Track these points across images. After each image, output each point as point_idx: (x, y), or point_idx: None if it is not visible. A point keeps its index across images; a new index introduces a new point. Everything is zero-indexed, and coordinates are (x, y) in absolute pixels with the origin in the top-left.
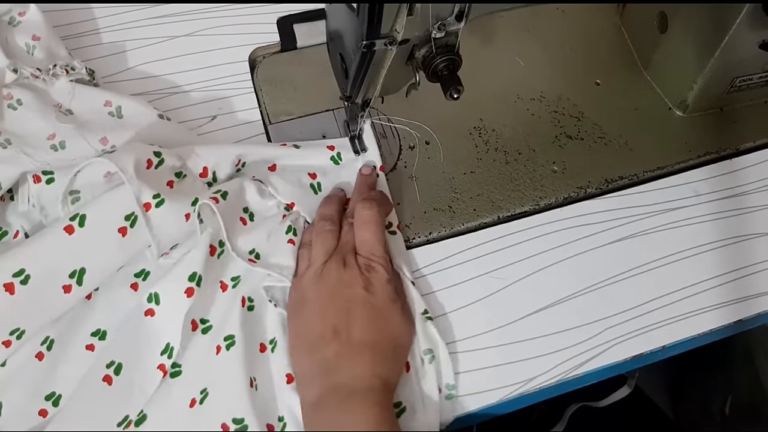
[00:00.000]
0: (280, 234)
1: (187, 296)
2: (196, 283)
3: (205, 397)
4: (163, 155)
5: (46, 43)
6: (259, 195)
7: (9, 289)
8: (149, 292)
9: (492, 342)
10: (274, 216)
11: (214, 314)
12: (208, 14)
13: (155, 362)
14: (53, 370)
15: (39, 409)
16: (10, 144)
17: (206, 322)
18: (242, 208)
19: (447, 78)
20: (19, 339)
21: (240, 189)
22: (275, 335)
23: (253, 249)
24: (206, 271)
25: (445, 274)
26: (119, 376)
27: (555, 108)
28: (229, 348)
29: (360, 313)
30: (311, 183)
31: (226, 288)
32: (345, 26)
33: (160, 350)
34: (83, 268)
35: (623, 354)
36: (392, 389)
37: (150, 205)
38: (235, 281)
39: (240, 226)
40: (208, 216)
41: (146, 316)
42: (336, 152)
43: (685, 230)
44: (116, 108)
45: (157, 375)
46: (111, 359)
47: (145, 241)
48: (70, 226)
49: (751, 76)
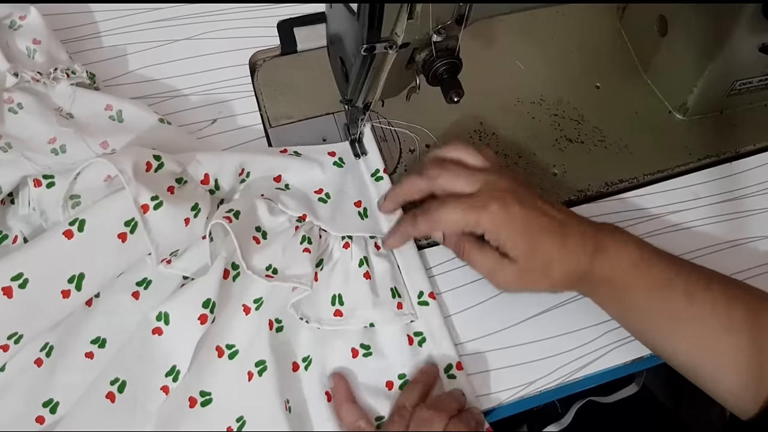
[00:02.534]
0: (295, 245)
1: (201, 323)
2: (210, 310)
3: (242, 426)
4: (162, 159)
5: (46, 47)
6: (270, 213)
7: (7, 293)
8: (159, 311)
9: (493, 345)
10: (287, 230)
11: (239, 339)
12: (208, 18)
13: (159, 383)
14: (52, 376)
15: (36, 415)
16: (10, 148)
17: (232, 347)
18: (254, 227)
19: (447, 81)
20: (17, 344)
21: (251, 208)
22: (309, 353)
23: (270, 265)
24: (221, 296)
25: (447, 277)
26: (122, 394)
27: (555, 111)
28: (262, 374)
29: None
30: (319, 197)
31: (249, 311)
32: (345, 30)
33: (166, 371)
34: (82, 273)
35: (623, 357)
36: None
37: (148, 207)
38: (257, 303)
39: (254, 245)
40: (219, 236)
41: (153, 334)
42: (338, 157)
43: (685, 233)
44: (117, 112)
45: (160, 396)
46: (115, 376)
47: (145, 248)
48: (70, 230)
49: (751, 80)
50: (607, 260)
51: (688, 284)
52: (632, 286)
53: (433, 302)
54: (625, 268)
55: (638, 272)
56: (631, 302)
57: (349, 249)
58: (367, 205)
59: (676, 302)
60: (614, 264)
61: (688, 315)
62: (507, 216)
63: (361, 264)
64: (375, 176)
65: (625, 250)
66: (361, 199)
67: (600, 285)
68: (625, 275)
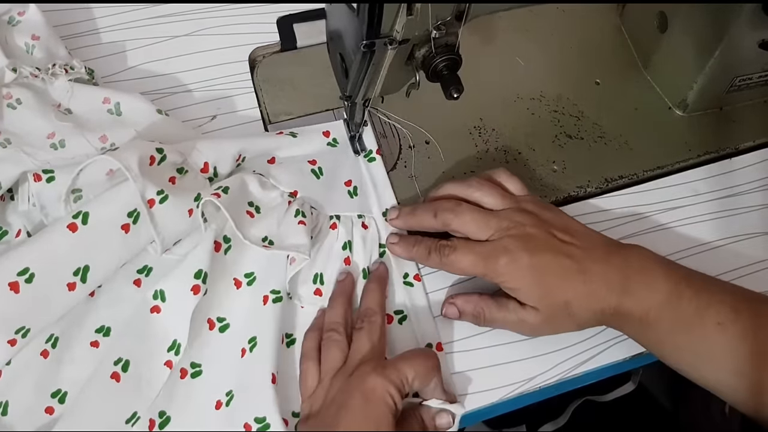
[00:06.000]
0: (290, 218)
1: (194, 293)
2: (202, 281)
3: (231, 399)
4: (165, 151)
5: (45, 43)
6: (262, 187)
7: (14, 288)
8: (154, 289)
9: (492, 341)
10: (280, 205)
11: (230, 312)
12: (208, 14)
13: (162, 359)
14: (58, 367)
15: (45, 406)
16: (9, 144)
17: (223, 321)
18: (247, 202)
19: (447, 78)
20: (24, 337)
21: (242, 183)
22: (294, 332)
23: (266, 236)
24: (213, 268)
25: (446, 272)
26: (127, 373)
27: (555, 107)
28: (253, 350)
29: None
30: (312, 169)
31: (240, 285)
32: (345, 26)
33: (167, 347)
34: (87, 265)
35: (622, 353)
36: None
37: (154, 201)
38: (249, 278)
39: (248, 219)
40: (212, 214)
41: (152, 313)
42: (332, 137)
43: (684, 229)
44: (114, 105)
45: (164, 371)
46: (118, 356)
47: (147, 236)
48: (74, 224)
49: (751, 76)
50: (636, 302)
51: (719, 315)
52: (662, 323)
53: (417, 284)
54: (654, 307)
55: (668, 311)
56: (663, 338)
57: (336, 230)
58: (358, 184)
59: (708, 336)
60: (643, 304)
61: (720, 347)
62: (515, 268)
63: (344, 247)
64: (368, 157)
65: (653, 289)
66: (352, 179)
67: (630, 322)
68: (655, 314)
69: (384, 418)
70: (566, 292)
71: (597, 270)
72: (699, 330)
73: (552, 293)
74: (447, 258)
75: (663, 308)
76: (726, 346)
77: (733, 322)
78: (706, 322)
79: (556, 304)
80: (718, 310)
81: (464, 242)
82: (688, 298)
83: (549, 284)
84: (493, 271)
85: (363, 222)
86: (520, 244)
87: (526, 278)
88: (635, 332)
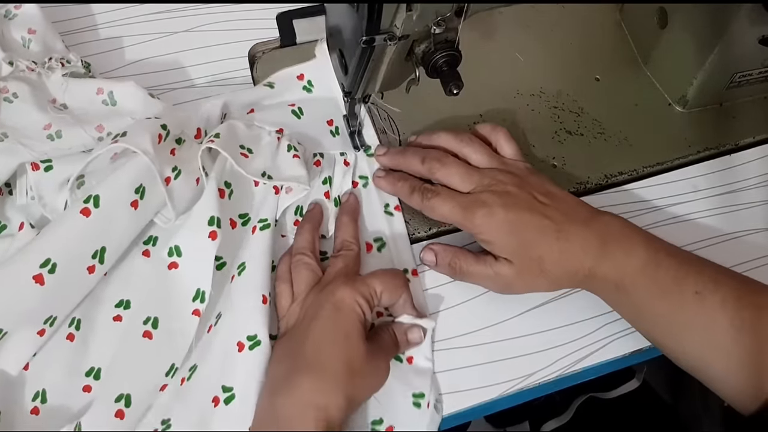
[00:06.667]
0: (283, 153)
1: (212, 239)
2: (217, 225)
3: (219, 319)
4: (168, 127)
5: (41, 37)
6: (249, 130)
7: (39, 281)
8: (169, 247)
9: (492, 337)
10: (269, 143)
11: (226, 251)
12: (207, 10)
13: (189, 309)
14: (86, 347)
15: (83, 385)
16: (6, 137)
17: (220, 259)
18: (239, 145)
19: (447, 73)
20: (52, 326)
21: (229, 128)
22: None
23: (264, 172)
24: (222, 213)
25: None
26: (158, 330)
27: (555, 103)
28: (241, 273)
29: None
30: (292, 110)
31: (235, 225)
32: (345, 22)
33: (192, 297)
34: (104, 246)
35: (622, 350)
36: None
37: (170, 179)
38: (243, 218)
39: (243, 159)
40: (210, 166)
41: (170, 269)
42: (306, 81)
43: (684, 225)
44: (108, 94)
45: (194, 320)
46: (147, 315)
47: (154, 209)
48: (86, 208)
49: (751, 72)
50: (613, 267)
51: (698, 284)
52: (639, 289)
53: (397, 213)
54: (631, 272)
55: (646, 277)
56: (639, 305)
57: (319, 167)
58: (339, 124)
59: (685, 305)
60: (619, 269)
61: (697, 317)
62: (491, 221)
63: (324, 182)
64: (367, 152)
65: (631, 255)
66: (333, 118)
67: (605, 286)
68: (632, 279)
69: (353, 326)
70: (540, 246)
71: (574, 231)
72: (676, 297)
73: (525, 246)
74: (428, 201)
75: (639, 274)
76: (704, 317)
77: (713, 292)
78: (684, 290)
79: (529, 257)
80: (697, 280)
81: (447, 190)
82: (666, 267)
83: (524, 238)
84: (470, 221)
85: (345, 159)
86: (498, 200)
87: (501, 231)
88: (610, 298)
